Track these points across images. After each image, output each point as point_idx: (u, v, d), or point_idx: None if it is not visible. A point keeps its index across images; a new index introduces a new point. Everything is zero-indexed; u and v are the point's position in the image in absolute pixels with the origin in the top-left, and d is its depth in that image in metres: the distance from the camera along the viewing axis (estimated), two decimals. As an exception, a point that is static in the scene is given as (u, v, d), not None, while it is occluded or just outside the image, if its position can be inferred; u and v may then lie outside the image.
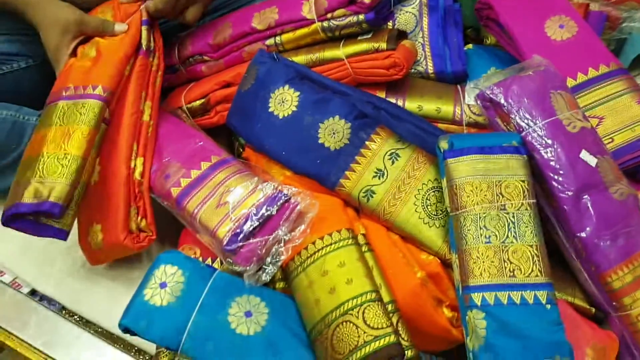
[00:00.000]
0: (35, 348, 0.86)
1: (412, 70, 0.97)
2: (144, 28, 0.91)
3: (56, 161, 0.78)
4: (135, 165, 0.86)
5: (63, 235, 0.82)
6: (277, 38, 0.94)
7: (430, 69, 0.97)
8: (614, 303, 0.76)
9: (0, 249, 1.00)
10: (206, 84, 0.98)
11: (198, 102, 0.98)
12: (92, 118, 0.81)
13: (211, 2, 1.00)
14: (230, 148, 1.02)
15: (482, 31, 1.11)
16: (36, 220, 0.80)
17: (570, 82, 0.90)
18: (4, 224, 0.79)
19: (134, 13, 0.93)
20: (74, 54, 0.92)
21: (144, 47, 0.91)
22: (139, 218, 0.85)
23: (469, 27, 1.08)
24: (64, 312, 0.92)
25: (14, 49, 1.05)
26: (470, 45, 1.05)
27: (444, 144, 0.79)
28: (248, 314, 0.76)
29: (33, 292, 0.96)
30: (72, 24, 0.91)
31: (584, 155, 0.79)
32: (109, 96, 0.84)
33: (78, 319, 0.91)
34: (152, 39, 0.93)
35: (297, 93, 0.86)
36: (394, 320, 0.73)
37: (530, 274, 0.71)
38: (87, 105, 0.82)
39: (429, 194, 0.82)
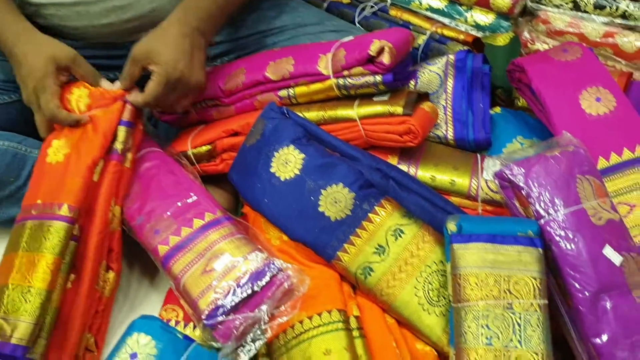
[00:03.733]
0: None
1: (431, 134, 0.91)
2: (121, 129, 0.83)
3: (20, 295, 0.71)
4: (106, 279, 0.80)
5: None
6: (291, 90, 0.89)
7: (450, 135, 0.91)
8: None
9: None
10: (214, 130, 0.94)
11: (205, 148, 0.94)
12: (57, 244, 0.74)
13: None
14: (234, 197, 0.98)
15: (514, 92, 1.04)
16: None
17: (602, 163, 0.83)
18: None
19: (111, 104, 0.84)
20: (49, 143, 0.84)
21: (118, 150, 0.82)
22: (89, 335, 0.78)
23: (499, 87, 1.02)
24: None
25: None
26: (498, 109, 0.98)
27: (451, 226, 0.73)
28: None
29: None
30: (64, 58, 0.84)
31: (608, 251, 0.72)
32: (75, 215, 0.77)
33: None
34: (129, 139, 0.84)
35: (302, 155, 0.80)
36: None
37: (532, 386, 0.64)
38: (52, 228, 0.75)
39: (431, 278, 0.76)
